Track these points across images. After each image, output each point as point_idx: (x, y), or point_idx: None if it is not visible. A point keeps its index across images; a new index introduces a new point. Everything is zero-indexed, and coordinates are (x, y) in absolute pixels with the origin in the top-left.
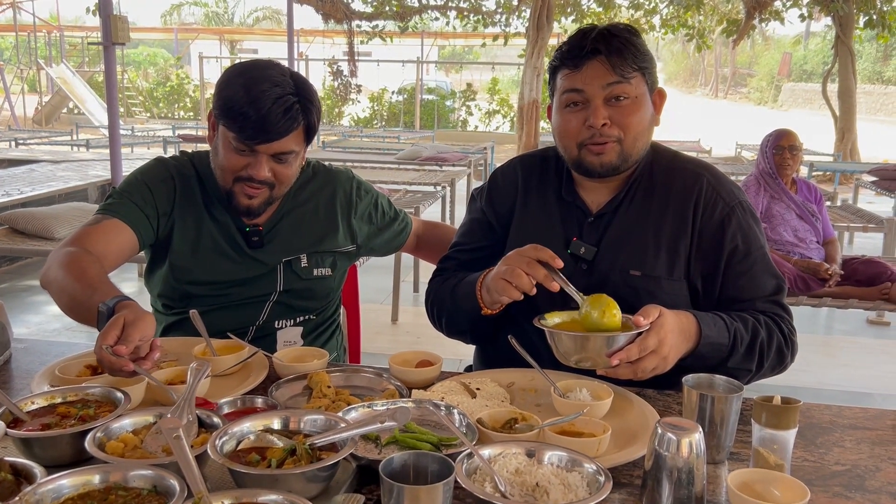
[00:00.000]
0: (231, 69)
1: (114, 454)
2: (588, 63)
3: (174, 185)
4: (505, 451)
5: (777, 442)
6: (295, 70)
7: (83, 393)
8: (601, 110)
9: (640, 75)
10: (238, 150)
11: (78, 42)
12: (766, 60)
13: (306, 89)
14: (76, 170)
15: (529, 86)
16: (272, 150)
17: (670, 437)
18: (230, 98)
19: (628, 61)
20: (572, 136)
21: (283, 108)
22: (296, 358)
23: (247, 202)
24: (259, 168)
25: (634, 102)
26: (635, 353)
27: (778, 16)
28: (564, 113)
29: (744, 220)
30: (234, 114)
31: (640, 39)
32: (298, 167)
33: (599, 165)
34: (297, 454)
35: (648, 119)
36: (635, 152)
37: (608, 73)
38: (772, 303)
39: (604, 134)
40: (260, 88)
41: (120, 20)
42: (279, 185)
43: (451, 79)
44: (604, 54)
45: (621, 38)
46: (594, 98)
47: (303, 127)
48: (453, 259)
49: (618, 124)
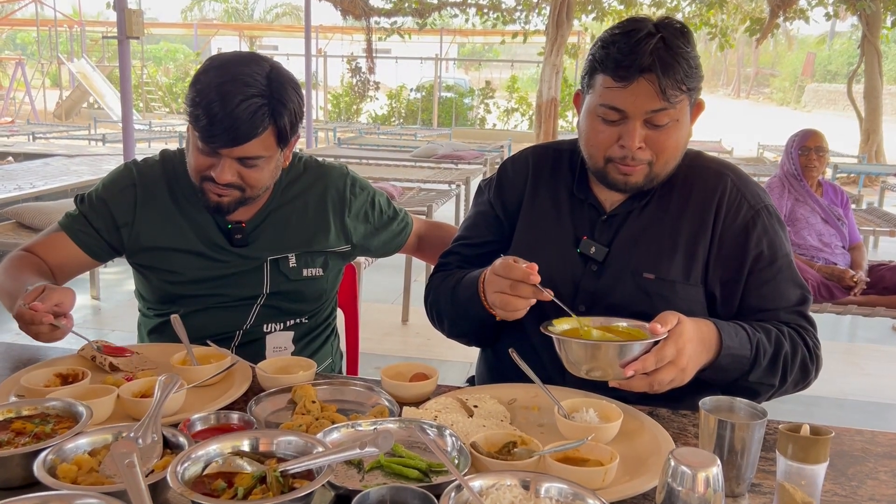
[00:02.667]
0: (209, 60)
1: (66, 478)
2: (637, 81)
3: (134, 192)
4: (498, 482)
5: (805, 477)
6: (282, 65)
7: (43, 407)
8: (638, 132)
9: (686, 95)
10: (202, 150)
11: (98, 37)
12: (790, 60)
13: (281, 90)
14: (90, 164)
15: (548, 84)
16: (235, 154)
17: (684, 471)
18: (197, 94)
19: (679, 83)
20: (601, 149)
21: (248, 112)
22: (281, 368)
23: (216, 199)
24: (222, 172)
25: (674, 126)
26: (651, 363)
27: (803, 14)
28: (597, 122)
29: (769, 224)
30: (198, 112)
31: (693, 49)
32: (275, 169)
33: (624, 184)
34: (267, 482)
35: (685, 139)
36: (664, 173)
37: (655, 98)
38: (796, 314)
39: (636, 157)
40: (228, 88)
41: (135, 14)
42: (249, 189)
43: (470, 76)
44: (656, 74)
45: (676, 51)
46: (634, 118)
47: (272, 131)
48: (456, 254)
49: (652, 147)
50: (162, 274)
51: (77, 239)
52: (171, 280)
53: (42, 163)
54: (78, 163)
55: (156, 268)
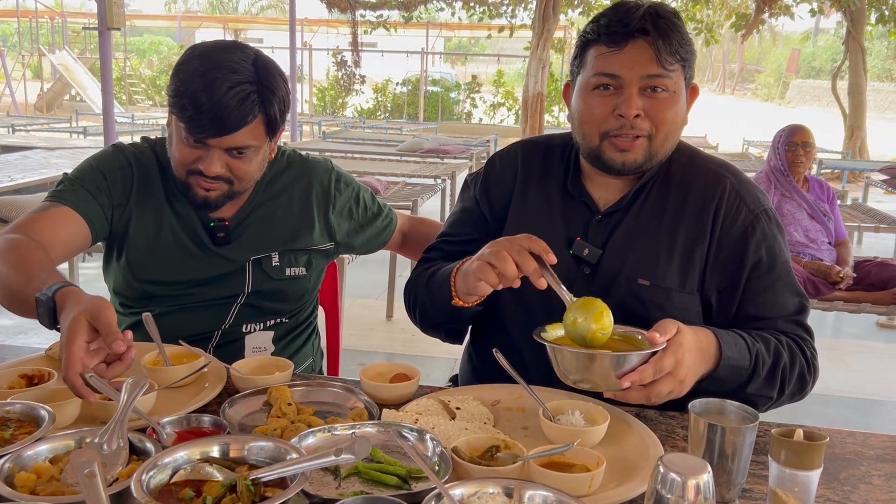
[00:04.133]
0: (190, 50)
1: (24, 488)
2: (631, 43)
3: (132, 173)
4: (480, 489)
5: (798, 483)
6: (266, 56)
7: (2, 410)
8: (635, 99)
9: (681, 68)
10: (188, 142)
11: (80, 29)
12: (775, 56)
13: (269, 77)
14: (71, 157)
15: (535, 78)
16: (224, 144)
17: (674, 478)
18: (182, 83)
19: (674, 48)
20: (596, 124)
21: (237, 99)
22: (257, 369)
23: (203, 194)
24: (210, 163)
25: (672, 97)
26: (650, 374)
27: (788, 11)
28: (591, 96)
29: (769, 230)
30: (183, 102)
31: (684, 25)
32: (262, 161)
33: (622, 164)
34: (238, 491)
35: (682, 117)
36: (662, 152)
37: (651, 62)
38: (794, 323)
39: (634, 126)
40: (213, 75)
41: (115, 4)
42: (238, 181)
43: (457, 70)
44: (651, 35)
45: (668, 19)
46: (630, 85)
47: (261, 119)
48: (439, 250)
49: (651, 118)
50: (142, 270)
51: (81, 210)
52: (151, 278)
53: (21, 155)
54: (58, 156)
55: (137, 263)
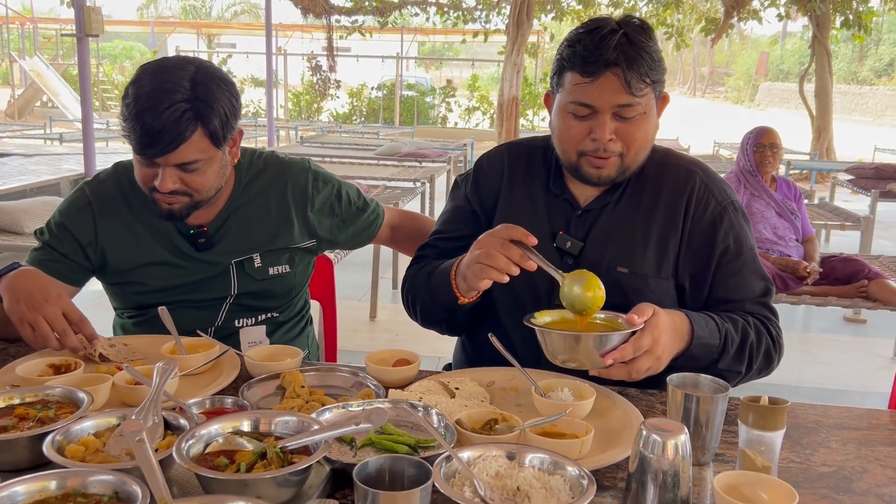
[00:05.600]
0: (138, 72)
1: (74, 458)
2: (603, 75)
3: (91, 211)
4: (485, 453)
5: (764, 443)
6: (212, 65)
7: (43, 394)
8: (608, 125)
9: (651, 89)
10: (141, 162)
11: (52, 35)
12: (744, 60)
13: (206, 92)
14: (49, 164)
15: (509, 83)
16: (171, 161)
17: (655, 439)
18: (126, 107)
19: (644, 76)
20: (574, 143)
21: (173, 118)
22: (268, 356)
23: (167, 208)
24: (163, 181)
25: (642, 118)
26: (630, 352)
27: (756, 15)
28: (569, 118)
29: (735, 220)
30: (129, 125)
31: (655, 44)
32: (220, 170)
33: (597, 178)
34: (268, 458)
35: (653, 131)
36: (635, 165)
37: (621, 92)
38: (760, 305)
39: (608, 149)
40: (152, 98)
41: (94, 11)
42: (196, 193)
43: (431, 75)
44: (621, 68)
45: (638, 46)
46: (603, 113)
47: (202, 132)
48: (433, 247)
49: (622, 139)
50: (131, 286)
51: (48, 269)
52: (140, 291)
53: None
54: (36, 162)
55: (124, 283)
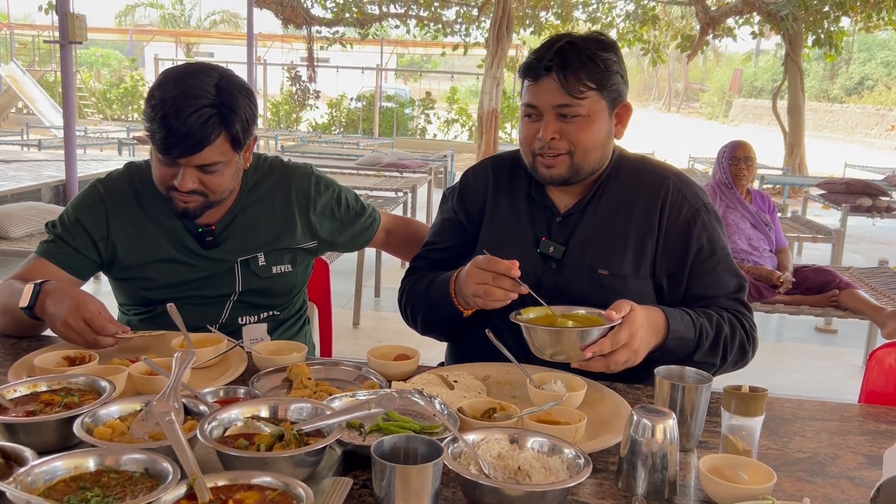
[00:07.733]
0: (161, 76)
1: (102, 439)
2: (543, 79)
3: (104, 207)
4: (488, 436)
5: (745, 429)
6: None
7: (66, 381)
8: (551, 125)
9: (596, 93)
10: (163, 161)
11: (28, 41)
12: (718, 76)
13: (231, 98)
14: (29, 170)
15: (489, 95)
16: (193, 162)
17: (645, 423)
18: (152, 109)
19: (582, 80)
20: (527, 144)
21: (199, 122)
22: (274, 351)
23: (182, 206)
24: (183, 181)
25: (586, 120)
26: (608, 346)
27: (730, 32)
28: (524, 121)
29: (708, 221)
30: (154, 127)
31: (607, 53)
32: (235, 172)
33: (549, 177)
34: (286, 439)
35: (603, 134)
36: (587, 165)
37: (558, 93)
38: (734, 300)
39: (553, 147)
40: (179, 101)
41: (77, 19)
42: (212, 193)
43: (410, 87)
44: (556, 72)
45: (583, 53)
46: (546, 113)
47: (225, 137)
48: (425, 258)
49: (568, 139)
50: (138, 282)
51: (58, 261)
52: (147, 286)
53: None
54: (16, 168)
55: (132, 278)
